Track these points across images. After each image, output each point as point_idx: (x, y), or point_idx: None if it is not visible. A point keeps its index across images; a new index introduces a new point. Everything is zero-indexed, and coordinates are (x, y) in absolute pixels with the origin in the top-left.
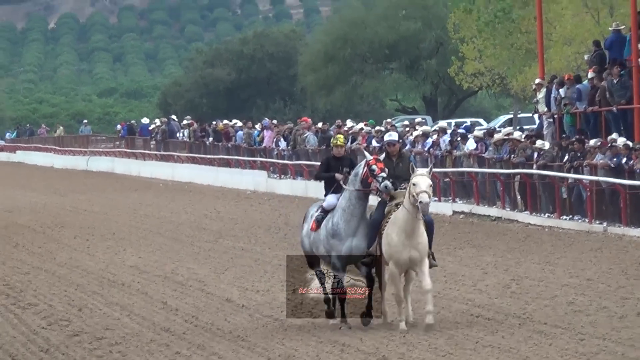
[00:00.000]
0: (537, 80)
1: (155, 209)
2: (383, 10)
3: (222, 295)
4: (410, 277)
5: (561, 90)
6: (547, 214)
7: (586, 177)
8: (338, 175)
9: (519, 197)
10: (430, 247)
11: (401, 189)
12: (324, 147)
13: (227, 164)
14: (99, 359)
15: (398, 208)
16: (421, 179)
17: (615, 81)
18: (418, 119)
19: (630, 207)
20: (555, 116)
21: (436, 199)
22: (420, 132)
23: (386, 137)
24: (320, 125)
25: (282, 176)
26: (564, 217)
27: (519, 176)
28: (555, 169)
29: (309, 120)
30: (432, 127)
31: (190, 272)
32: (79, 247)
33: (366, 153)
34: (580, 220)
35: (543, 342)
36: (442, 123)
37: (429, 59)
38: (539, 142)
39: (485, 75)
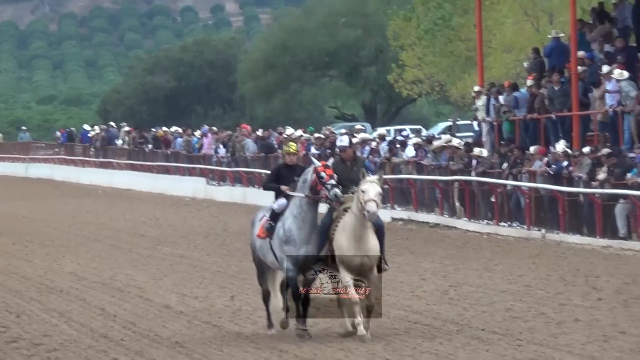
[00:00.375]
0: (476, 88)
1: (94, 215)
2: (323, 18)
3: (161, 302)
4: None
5: (500, 98)
6: (485, 221)
7: (525, 184)
8: (284, 187)
9: (457, 204)
10: (382, 252)
11: (352, 192)
12: (263, 154)
13: (166, 170)
14: None
15: (346, 213)
16: (370, 187)
17: (555, 88)
18: (357, 126)
19: (569, 213)
20: (494, 123)
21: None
22: (360, 139)
23: (337, 143)
24: (259, 132)
25: (221, 183)
26: (503, 223)
27: (457, 183)
28: (494, 175)
29: (249, 127)
30: (371, 134)
31: (128, 278)
32: (18, 254)
33: (314, 159)
34: (518, 227)
35: (480, 348)
36: (382, 130)
37: (369, 66)
38: (477, 150)
39: (425, 82)
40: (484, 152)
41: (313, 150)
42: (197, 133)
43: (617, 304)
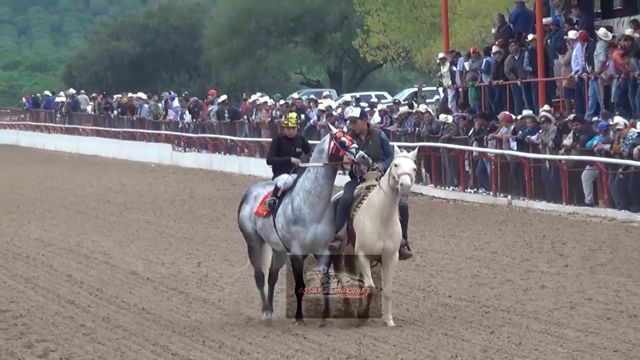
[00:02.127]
0: (442, 54)
1: (60, 181)
2: None
3: (127, 268)
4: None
5: (466, 64)
6: (451, 187)
7: (491, 151)
8: (294, 160)
9: (423, 171)
10: (405, 237)
11: (373, 169)
12: (229, 120)
13: (132, 137)
14: (3, 331)
15: (371, 191)
16: (404, 161)
17: (516, 57)
18: (323, 93)
19: (535, 180)
20: (460, 90)
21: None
22: (325, 105)
23: (348, 113)
24: (223, 98)
25: (187, 149)
26: (469, 190)
27: (423, 149)
28: (460, 142)
29: (215, 92)
30: (336, 100)
31: (95, 244)
32: None
33: (331, 126)
34: (484, 194)
35: (447, 315)
36: (347, 96)
37: (334, 32)
38: (442, 116)
39: (390, 48)
40: (450, 119)
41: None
42: (176, 102)
43: (583, 270)
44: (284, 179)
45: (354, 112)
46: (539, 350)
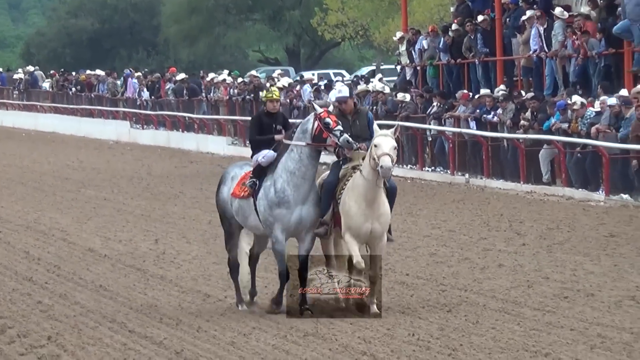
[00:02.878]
0: (400, 33)
1: (17, 158)
2: None
3: (85, 245)
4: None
5: (424, 42)
6: (409, 166)
7: (449, 129)
8: (278, 136)
9: None
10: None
11: (355, 150)
12: (186, 98)
13: (90, 114)
14: None
15: (355, 172)
16: (384, 140)
17: (472, 37)
18: (280, 71)
19: (492, 158)
20: (418, 68)
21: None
22: (282, 84)
23: (335, 95)
24: (182, 76)
25: (145, 126)
26: (427, 168)
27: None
28: (418, 120)
29: (175, 69)
30: (294, 78)
31: (52, 221)
32: None
33: (316, 106)
34: (442, 172)
35: (405, 293)
36: (306, 74)
37: (292, 10)
38: (400, 95)
39: (348, 26)
40: (407, 97)
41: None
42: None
43: (540, 249)
44: (266, 155)
45: (342, 92)
46: (495, 329)
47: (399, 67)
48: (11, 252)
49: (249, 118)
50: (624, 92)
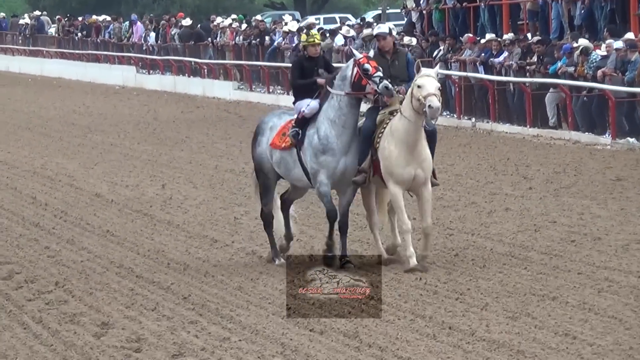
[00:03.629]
0: None
1: (24, 104)
2: None
3: (91, 190)
4: (384, 207)
5: None
6: None
7: (455, 73)
8: (320, 80)
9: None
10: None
11: (397, 92)
12: (192, 43)
13: (96, 59)
14: None
15: (393, 116)
16: (428, 81)
17: None
18: (286, 15)
19: (499, 102)
20: (425, 12)
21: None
22: (289, 28)
23: (375, 30)
24: (188, 22)
25: (151, 71)
26: None
27: None
28: (425, 65)
29: (183, 15)
30: (300, 22)
31: (59, 167)
32: None
33: (355, 51)
34: (448, 116)
35: (411, 237)
36: (311, 19)
37: None
38: (407, 38)
39: None
40: (414, 41)
41: (240, 39)
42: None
43: (547, 193)
44: (310, 105)
45: (381, 28)
46: (502, 273)
47: (404, 11)
48: (18, 197)
49: (255, 63)
50: (630, 35)
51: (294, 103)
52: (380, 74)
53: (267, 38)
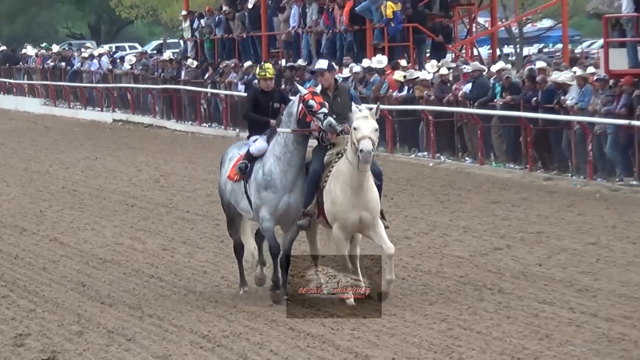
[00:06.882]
0: (183, 12)
1: None
2: None
3: None
4: (356, 239)
5: (202, 21)
6: (190, 122)
7: (222, 92)
8: (273, 122)
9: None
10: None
11: (340, 134)
12: (7, 66)
13: None
14: None
15: (340, 158)
16: (363, 123)
17: (246, 13)
18: (88, 43)
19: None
20: (198, 42)
21: (107, 109)
22: (87, 54)
23: (315, 66)
24: (2, 48)
25: None
26: (204, 124)
27: (167, 91)
28: (197, 84)
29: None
30: (95, 50)
31: None
32: None
33: (299, 87)
34: (217, 127)
35: (186, 227)
36: (105, 47)
37: None
38: (189, 61)
39: (140, 7)
40: (195, 63)
41: (49, 64)
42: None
43: None
44: (257, 145)
45: (320, 64)
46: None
47: (182, 41)
48: None
49: (60, 83)
50: (366, 61)
51: (248, 137)
52: (325, 110)
53: (65, 64)
